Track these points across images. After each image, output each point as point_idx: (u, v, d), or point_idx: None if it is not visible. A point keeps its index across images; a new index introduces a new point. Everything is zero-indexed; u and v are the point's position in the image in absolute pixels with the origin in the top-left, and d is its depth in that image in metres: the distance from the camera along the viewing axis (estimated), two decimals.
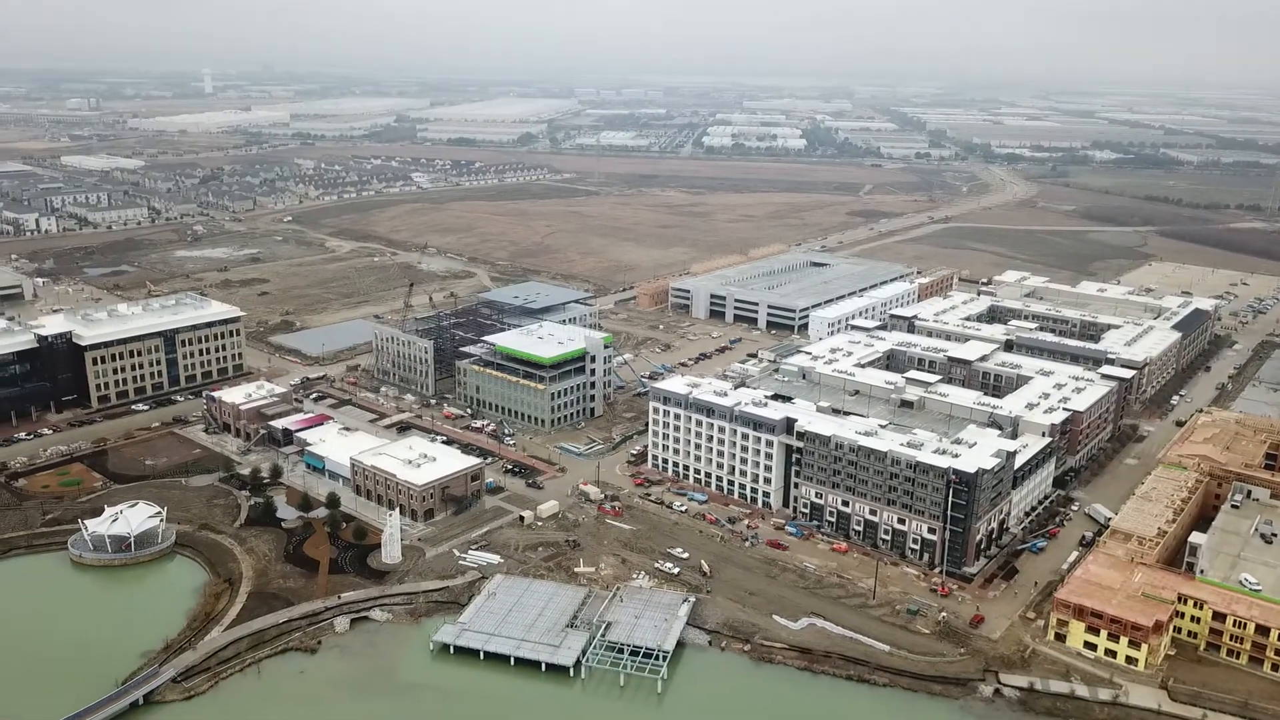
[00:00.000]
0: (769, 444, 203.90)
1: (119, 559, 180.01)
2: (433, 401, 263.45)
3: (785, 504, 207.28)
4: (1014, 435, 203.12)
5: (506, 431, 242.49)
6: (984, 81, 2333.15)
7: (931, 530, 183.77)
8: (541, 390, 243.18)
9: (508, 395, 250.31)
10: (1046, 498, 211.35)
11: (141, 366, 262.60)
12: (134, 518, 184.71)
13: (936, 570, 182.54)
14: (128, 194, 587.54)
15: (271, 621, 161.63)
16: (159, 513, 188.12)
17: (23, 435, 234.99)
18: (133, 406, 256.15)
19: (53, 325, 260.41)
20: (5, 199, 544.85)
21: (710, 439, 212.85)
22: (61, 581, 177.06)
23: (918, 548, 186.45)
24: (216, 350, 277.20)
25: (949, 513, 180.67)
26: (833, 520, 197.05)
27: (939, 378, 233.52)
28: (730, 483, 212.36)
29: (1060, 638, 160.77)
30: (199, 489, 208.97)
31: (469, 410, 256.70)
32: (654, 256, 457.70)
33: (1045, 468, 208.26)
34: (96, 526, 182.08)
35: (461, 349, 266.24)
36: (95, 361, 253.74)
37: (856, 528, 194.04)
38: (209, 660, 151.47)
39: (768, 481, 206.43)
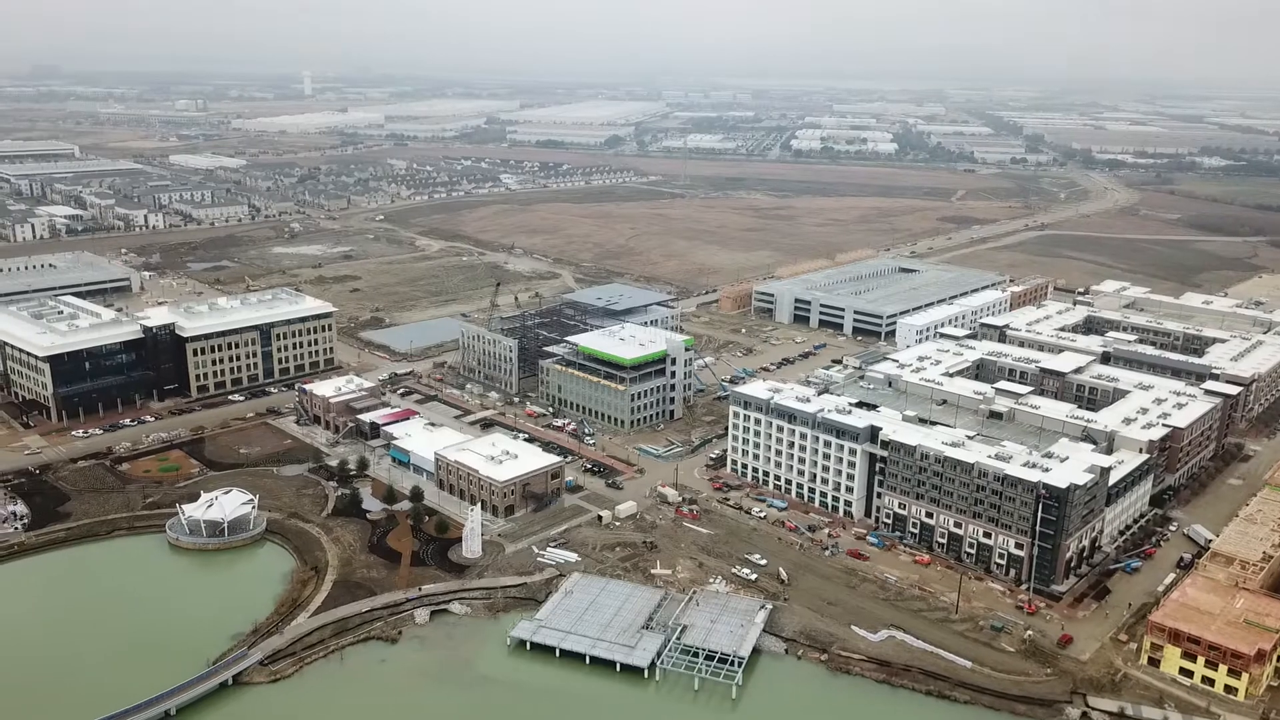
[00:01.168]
0: (852, 452, 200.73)
1: (213, 543, 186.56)
2: (516, 399, 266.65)
3: (867, 514, 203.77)
4: (1109, 451, 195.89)
5: (587, 431, 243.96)
6: (1086, 85, 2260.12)
7: (1019, 545, 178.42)
8: (622, 391, 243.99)
9: (589, 395, 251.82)
10: (1142, 516, 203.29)
11: (238, 358, 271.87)
12: (228, 504, 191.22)
13: (1023, 587, 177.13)
14: (230, 192, 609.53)
15: (355, 610, 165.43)
16: (251, 500, 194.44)
17: (127, 422, 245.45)
18: (229, 397, 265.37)
19: (157, 317, 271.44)
20: (117, 196, 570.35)
21: (791, 445, 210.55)
22: (159, 563, 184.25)
23: (1004, 563, 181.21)
24: (309, 344, 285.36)
25: (1038, 528, 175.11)
26: (915, 532, 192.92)
27: (1030, 389, 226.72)
28: (811, 490, 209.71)
29: (1154, 663, 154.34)
30: (289, 478, 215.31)
31: (550, 409, 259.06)
32: (738, 260, 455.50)
33: (1142, 485, 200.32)
34: (193, 511, 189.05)
35: (545, 348, 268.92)
36: (195, 352, 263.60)
37: (940, 540, 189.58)
38: (295, 645, 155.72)
39: (849, 490, 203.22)
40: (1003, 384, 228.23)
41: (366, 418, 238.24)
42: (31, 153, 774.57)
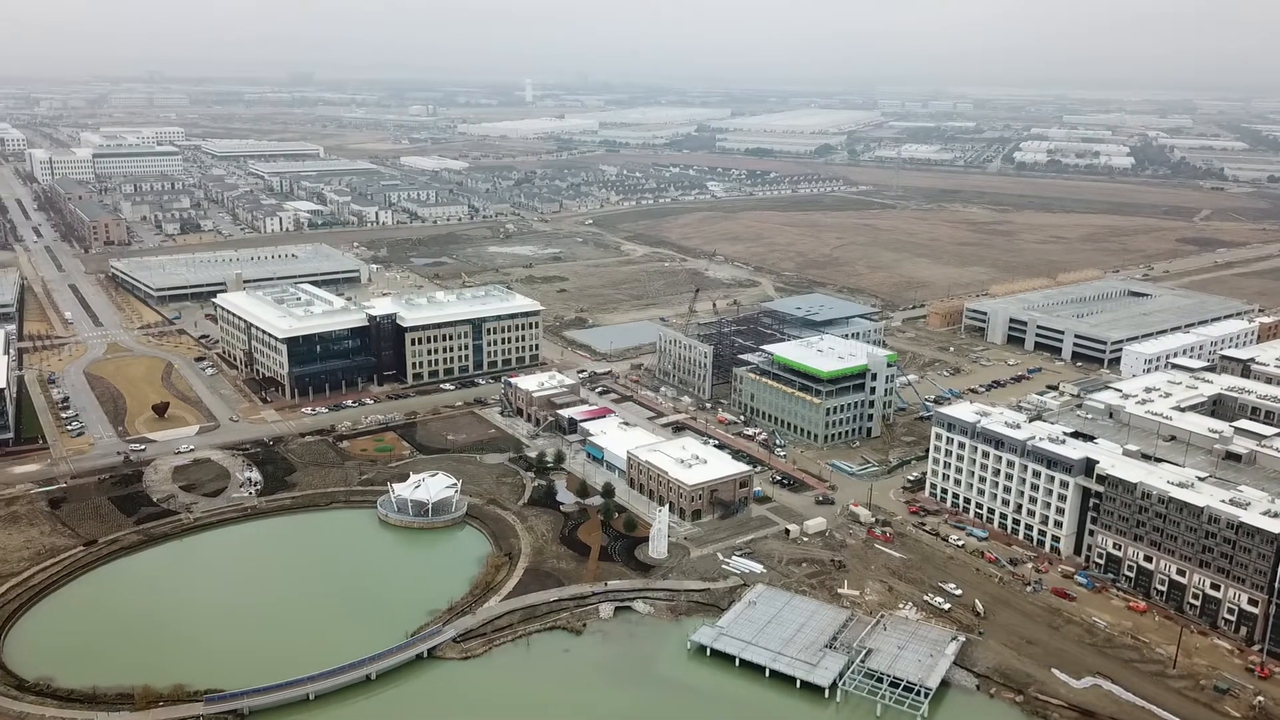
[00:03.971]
0: (1064, 485, 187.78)
1: (417, 522, 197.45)
2: (708, 405, 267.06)
3: (1076, 551, 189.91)
4: None
5: (778, 442, 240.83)
6: None
7: (1253, 601, 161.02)
8: (817, 404, 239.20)
9: (782, 406, 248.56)
10: None
11: (451, 350, 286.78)
12: (433, 486, 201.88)
13: (1256, 648, 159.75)
14: (452, 193, 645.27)
15: (543, 599, 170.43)
16: (455, 484, 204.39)
17: (349, 403, 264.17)
18: (441, 385, 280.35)
19: (381, 307, 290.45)
20: (353, 193, 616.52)
21: (997, 473, 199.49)
22: (368, 536, 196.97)
23: (1233, 619, 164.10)
24: (516, 340, 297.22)
25: (1277, 584, 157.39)
26: (1131, 575, 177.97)
27: (1277, 431, 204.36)
28: (1015, 522, 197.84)
29: None
30: (491, 466, 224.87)
31: (742, 417, 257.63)
32: (949, 275, 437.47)
33: None
34: (402, 491, 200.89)
35: (740, 356, 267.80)
36: (413, 342, 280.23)
37: (1159, 587, 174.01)
38: (485, 626, 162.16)
39: (1058, 525, 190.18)
40: (1244, 423, 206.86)
41: (565, 413, 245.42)
42: (283, 152, 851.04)
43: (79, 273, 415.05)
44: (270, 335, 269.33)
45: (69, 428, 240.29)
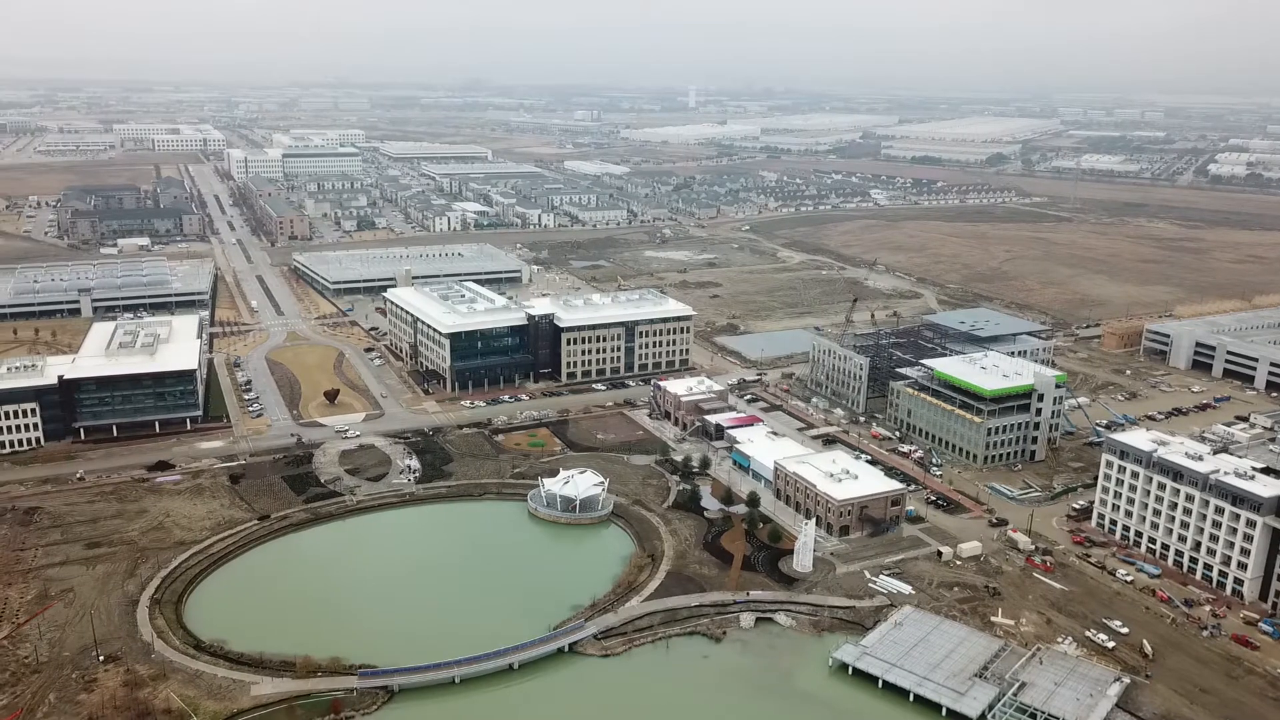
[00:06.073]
0: (1250, 524, 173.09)
1: (564, 518, 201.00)
2: (861, 419, 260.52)
3: (1262, 597, 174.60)
4: None
5: (934, 461, 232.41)
6: None
7: None
8: (978, 424, 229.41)
9: (940, 423, 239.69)
10: None
11: (604, 351, 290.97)
12: (581, 484, 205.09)
13: None
14: (612, 197, 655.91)
15: (684, 603, 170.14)
16: (602, 483, 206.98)
17: (506, 398, 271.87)
18: (593, 385, 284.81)
19: (540, 307, 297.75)
20: (518, 196, 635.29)
21: (1174, 506, 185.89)
22: (517, 528, 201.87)
23: None
24: (667, 344, 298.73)
25: None
26: None
27: None
28: (1193, 560, 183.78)
29: None
30: (637, 467, 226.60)
31: (897, 433, 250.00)
32: (1128, 293, 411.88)
33: None
34: (551, 486, 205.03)
35: (898, 370, 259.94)
36: (569, 342, 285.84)
37: None
38: (626, 625, 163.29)
39: (1242, 567, 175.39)
40: None
41: (713, 419, 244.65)
42: (454, 155, 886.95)
43: (265, 265, 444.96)
44: (435, 330, 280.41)
45: (250, 409, 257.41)
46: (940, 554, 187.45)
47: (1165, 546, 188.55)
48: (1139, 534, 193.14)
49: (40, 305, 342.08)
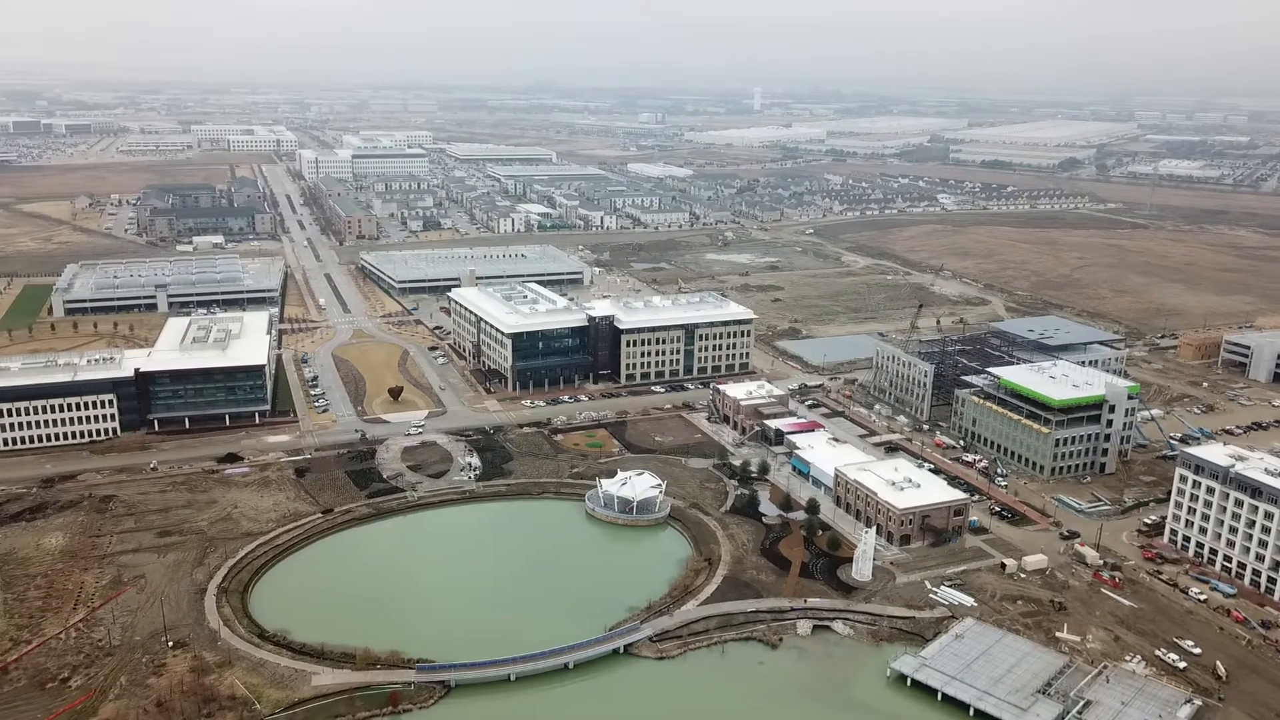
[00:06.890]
0: None
1: (622, 519, 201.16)
2: (925, 427, 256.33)
3: None
4: None
5: (1000, 471, 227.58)
6: None
7: None
8: (1045, 434, 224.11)
9: (1006, 433, 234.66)
10: None
11: (664, 354, 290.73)
12: (639, 485, 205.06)
13: None
14: (674, 200, 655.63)
15: (740, 608, 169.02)
16: (660, 485, 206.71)
17: (565, 399, 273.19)
18: (652, 387, 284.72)
19: (600, 309, 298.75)
20: (581, 198, 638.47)
21: (1252, 524, 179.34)
22: (575, 528, 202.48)
23: None
24: (728, 347, 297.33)
25: None
26: None
27: None
28: (1271, 580, 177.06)
29: None
30: (695, 470, 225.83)
31: (961, 442, 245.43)
32: (1206, 303, 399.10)
33: None
34: (609, 487, 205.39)
35: (963, 377, 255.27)
36: (629, 344, 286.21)
37: None
38: (682, 629, 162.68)
39: None
40: None
41: (772, 423, 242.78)
42: (518, 157, 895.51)
43: (333, 263, 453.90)
44: (497, 330, 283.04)
45: (316, 404, 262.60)
46: (1004, 566, 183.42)
47: (1242, 565, 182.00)
48: (1214, 551, 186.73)
49: (119, 300, 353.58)
